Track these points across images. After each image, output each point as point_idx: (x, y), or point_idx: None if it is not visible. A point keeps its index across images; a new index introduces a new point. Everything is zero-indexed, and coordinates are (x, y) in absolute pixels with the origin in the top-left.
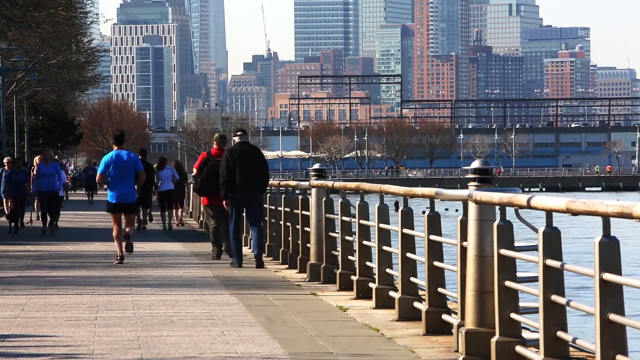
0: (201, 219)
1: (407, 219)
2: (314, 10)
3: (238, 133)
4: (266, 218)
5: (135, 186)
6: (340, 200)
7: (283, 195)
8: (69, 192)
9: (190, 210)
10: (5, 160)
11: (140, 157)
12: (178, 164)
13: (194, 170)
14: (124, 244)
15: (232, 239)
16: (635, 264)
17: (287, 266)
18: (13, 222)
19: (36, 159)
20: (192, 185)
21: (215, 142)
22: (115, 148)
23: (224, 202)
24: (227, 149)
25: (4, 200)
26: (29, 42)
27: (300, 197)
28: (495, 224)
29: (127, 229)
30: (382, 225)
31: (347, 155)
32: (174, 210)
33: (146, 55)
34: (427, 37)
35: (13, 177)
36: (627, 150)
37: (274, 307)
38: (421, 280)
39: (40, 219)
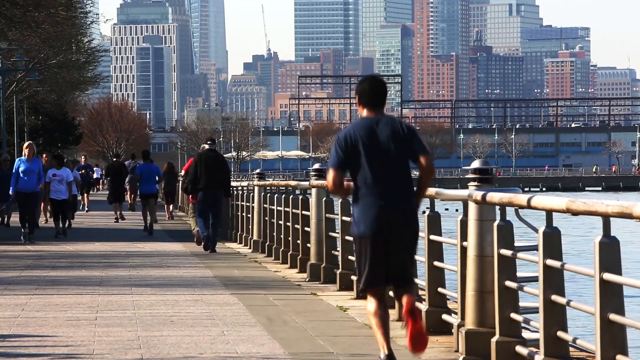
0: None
1: None
2: (314, 10)
3: (208, 142)
4: (268, 218)
5: (157, 184)
6: (340, 200)
7: (283, 195)
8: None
9: (180, 204)
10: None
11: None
12: (170, 165)
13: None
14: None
15: (198, 223)
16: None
17: (287, 266)
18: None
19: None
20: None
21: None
22: (143, 161)
23: (189, 196)
24: (197, 153)
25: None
26: (29, 42)
27: (300, 197)
28: (495, 224)
29: (149, 218)
30: None
31: None
32: (165, 205)
33: (146, 55)
34: (427, 37)
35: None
36: (627, 150)
37: (274, 307)
38: (421, 280)
39: (22, 222)
